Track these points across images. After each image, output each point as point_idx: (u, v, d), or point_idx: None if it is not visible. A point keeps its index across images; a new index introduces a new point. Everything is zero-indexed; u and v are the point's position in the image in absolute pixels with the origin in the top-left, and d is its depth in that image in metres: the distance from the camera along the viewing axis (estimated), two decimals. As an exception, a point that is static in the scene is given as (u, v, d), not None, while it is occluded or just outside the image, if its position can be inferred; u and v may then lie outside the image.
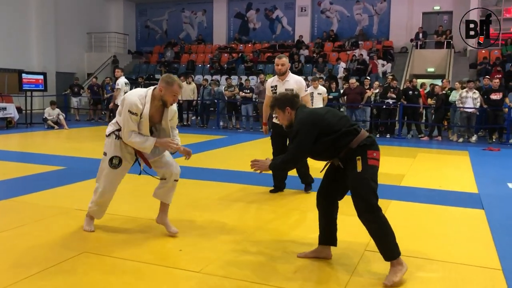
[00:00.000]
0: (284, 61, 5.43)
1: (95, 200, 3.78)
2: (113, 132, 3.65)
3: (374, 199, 2.96)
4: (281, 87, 5.35)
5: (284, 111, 3.25)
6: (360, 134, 3.04)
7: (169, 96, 3.50)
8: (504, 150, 10.01)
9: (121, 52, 22.76)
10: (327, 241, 3.35)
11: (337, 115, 3.16)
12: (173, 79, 3.52)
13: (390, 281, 2.90)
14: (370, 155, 2.99)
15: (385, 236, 2.98)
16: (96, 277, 3.00)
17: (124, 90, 10.33)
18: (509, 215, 4.75)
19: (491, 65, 16.17)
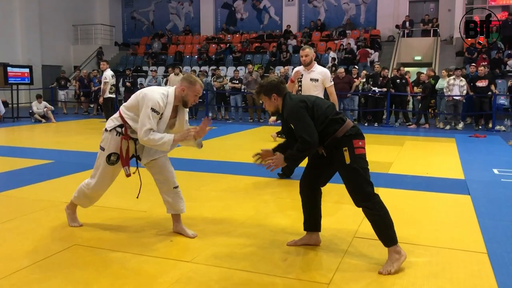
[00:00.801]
0: (307, 52, 5.55)
1: (85, 193, 3.68)
2: (115, 128, 3.50)
3: (368, 187, 2.99)
4: (306, 76, 5.57)
5: (270, 97, 3.22)
6: (346, 123, 3.06)
7: (191, 96, 3.40)
8: (490, 137, 10.14)
9: (108, 44, 22.53)
10: (312, 227, 3.39)
11: (325, 103, 3.18)
12: (195, 79, 3.43)
13: (385, 271, 2.92)
14: (356, 144, 3.00)
15: (384, 223, 3.00)
16: (87, 269, 3.01)
17: (111, 83, 10.23)
18: (494, 200, 4.83)
19: (477, 52, 16.28)
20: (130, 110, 3.45)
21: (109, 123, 3.56)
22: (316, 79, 5.55)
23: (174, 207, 3.61)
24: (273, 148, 3.36)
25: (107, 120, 3.62)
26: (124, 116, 3.45)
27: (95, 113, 15.48)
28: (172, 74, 13.71)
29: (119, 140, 3.48)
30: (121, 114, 3.48)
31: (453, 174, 6.11)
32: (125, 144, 3.48)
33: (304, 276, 2.91)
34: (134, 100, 3.42)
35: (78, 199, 3.75)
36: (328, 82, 5.59)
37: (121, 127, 3.48)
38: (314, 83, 5.54)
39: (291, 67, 16.20)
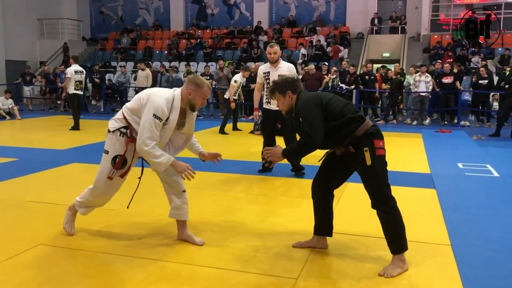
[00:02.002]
0: (276, 49, 5.60)
1: (89, 201, 3.41)
2: (119, 129, 3.25)
3: (387, 190, 2.91)
4: (274, 73, 5.51)
5: (285, 95, 3.08)
6: (366, 122, 2.93)
7: (198, 100, 3.20)
8: (455, 132, 10.42)
9: (75, 39, 21.99)
10: (324, 231, 3.27)
11: (342, 101, 3.04)
12: (202, 81, 3.23)
13: (387, 274, 2.86)
14: (376, 144, 2.90)
15: (397, 229, 2.93)
16: (52, 269, 2.94)
17: (74, 79, 10.00)
18: (458, 194, 4.97)
19: (443, 49, 16.69)
20: (134, 113, 3.22)
21: (112, 124, 3.30)
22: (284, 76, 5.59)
23: (179, 212, 3.38)
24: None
25: (110, 121, 3.34)
26: (129, 119, 3.23)
27: (62, 109, 15.12)
28: (139, 70, 13.50)
29: (123, 142, 3.24)
30: (124, 116, 3.25)
31: (420, 168, 6.25)
32: (132, 147, 3.24)
33: (274, 272, 2.92)
34: (137, 102, 3.19)
35: (79, 205, 3.46)
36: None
37: (126, 128, 3.25)
38: None
39: (262, 63, 16.21)
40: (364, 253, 3.26)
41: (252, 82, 13.57)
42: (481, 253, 3.27)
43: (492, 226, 3.87)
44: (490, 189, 5.22)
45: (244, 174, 5.77)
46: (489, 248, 3.35)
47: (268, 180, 5.44)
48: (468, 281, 2.82)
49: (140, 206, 4.17)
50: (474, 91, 11.91)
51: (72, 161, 6.46)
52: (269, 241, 3.45)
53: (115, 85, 15.53)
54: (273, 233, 3.63)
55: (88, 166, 6.06)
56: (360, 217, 4.04)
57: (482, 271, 2.97)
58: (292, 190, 5.10)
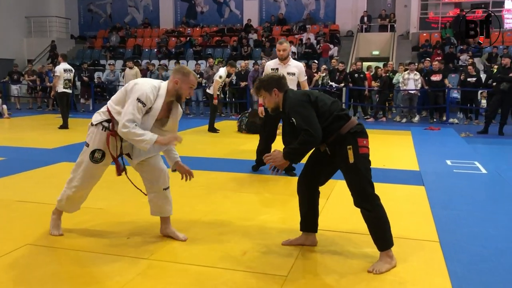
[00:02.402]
0: (285, 46, 5.52)
1: (68, 196, 3.35)
2: (101, 123, 3.23)
3: (369, 188, 2.93)
4: (282, 69, 5.44)
5: (271, 93, 3.07)
6: (351, 120, 2.95)
7: (185, 89, 3.19)
8: (444, 129, 10.50)
9: (63, 37, 21.80)
10: (309, 227, 3.28)
11: (329, 99, 3.06)
12: (189, 70, 3.23)
13: (376, 270, 2.87)
14: (360, 143, 2.91)
15: (381, 226, 2.94)
16: (41, 269, 2.91)
17: (63, 77, 9.92)
18: (446, 191, 5.01)
19: (432, 47, 16.80)
20: (117, 103, 3.20)
21: (95, 117, 3.28)
22: (293, 73, 5.52)
23: (162, 209, 3.40)
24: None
25: (94, 115, 3.31)
26: (112, 111, 3.20)
27: (51, 108, 14.99)
28: (127, 68, 13.41)
29: (105, 136, 3.21)
30: (108, 109, 3.24)
31: (409, 166, 6.29)
32: (113, 141, 3.21)
33: (263, 269, 2.92)
34: (122, 91, 3.20)
35: (60, 204, 3.41)
36: (302, 76, 5.62)
37: (108, 122, 3.23)
38: (291, 77, 5.45)
39: (252, 61, 16.23)
40: (353, 249, 3.27)
41: (243, 80, 13.58)
42: (469, 249, 3.30)
43: (480, 223, 3.90)
44: (478, 186, 5.27)
45: (233, 172, 5.77)
46: (477, 244, 3.38)
47: (257, 178, 5.44)
48: (455, 277, 2.84)
49: (128, 205, 4.16)
50: (462, 89, 12.01)
51: (61, 160, 6.40)
52: (258, 239, 3.45)
53: (104, 83, 15.42)
54: (262, 231, 3.63)
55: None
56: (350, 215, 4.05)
57: (469, 267, 3.00)
58: (281, 188, 5.11)
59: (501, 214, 4.25)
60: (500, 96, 9.59)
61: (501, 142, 8.82)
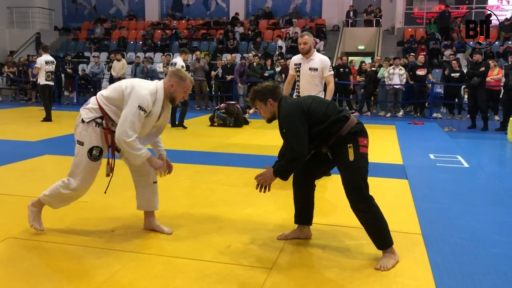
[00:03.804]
0: (306, 39, 5.17)
1: (62, 195, 3.23)
2: (94, 119, 3.14)
3: (365, 189, 2.91)
4: (305, 65, 5.22)
5: (266, 103, 3.04)
6: (350, 120, 2.93)
7: (180, 93, 3.19)
8: (427, 124, 10.62)
9: (47, 28, 21.46)
10: (304, 220, 3.29)
11: (324, 103, 3.05)
12: (186, 74, 3.22)
13: (382, 267, 2.86)
14: (361, 142, 2.91)
15: (378, 226, 2.94)
16: (24, 263, 2.89)
17: (45, 69, 9.79)
18: (429, 184, 5.09)
19: (417, 42, 16.94)
20: (111, 103, 3.13)
21: (86, 114, 3.16)
22: (315, 68, 5.17)
23: (149, 204, 3.40)
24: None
25: (84, 107, 3.21)
26: (105, 108, 3.13)
27: (34, 100, 14.79)
28: (115, 61, 13.31)
29: (99, 132, 3.14)
30: (100, 106, 3.14)
31: (393, 159, 6.36)
32: (109, 138, 3.16)
33: (248, 262, 2.94)
34: (118, 92, 3.11)
35: (49, 200, 3.30)
36: (327, 71, 5.21)
37: (101, 118, 3.14)
38: (313, 73, 5.19)
39: (238, 54, 16.18)
40: (340, 243, 3.30)
41: (228, 74, 13.54)
42: (450, 241, 3.36)
43: (461, 215, 3.97)
44: (460, 179, 5.36)
45: (219, 166, 5.77)
46: (458, 237, 3.45)
47: (244, 172, 5.44)
48: (437, 268, 2.90)
49: (113, 199, 4.13)
50: (446, 84, 12.14)
51: (44, 153, 6.33)
52: (244, 232, 3.46)
53: (88, 76, 15.24)
54: (249, 224, 3.65)
55: (60, 158, 5.97)
56: (342, 209, 4.10)
57: (451, 258, 3.06)
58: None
59: (482, 206, 4.34)
60: (471, 90, 9.83)
61: (484, 137, 8.96)
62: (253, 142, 7.67)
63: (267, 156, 6.40)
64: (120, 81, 3.23)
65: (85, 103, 3.27)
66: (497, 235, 3.50)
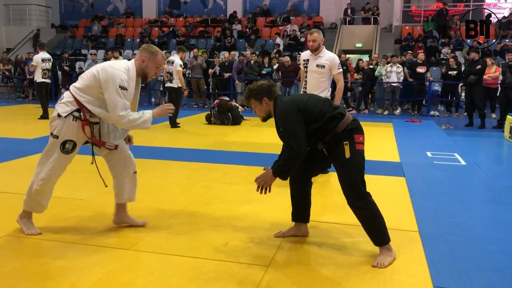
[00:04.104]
0: (315, 36, 5.15)
1: (36, 190, 3.19)
2: (71, 113, 3.09)
3: (362, 186, 2.91)
4: (312, 61, 5.23)
5: (261, 102, 3.04)
6: (346, 117, 2.93)
7: (152, 68, 3.15)
8: (425, 121, 10.63)
9: (44, 25, 21.37)
10: (301, 218, 3.29)
11: (319, 100, 3.04)
12: (156, 49, 3.16)
13: (379, 264, 2.87)
14: (357, 139, 2.91)
15: (376, 223, 2.94)
16: (20, 260, 2.88)
17: (41, 67, 9.76)
18: (426, 182, 5.09)
19: (414, 40, 16.94)
20: (85, 92, 3.08)
21: (62, 108, 3.12)
22: (322, 65, 5.16)
23: (131, 195, 3.40)
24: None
25: (59, 103, 3.18)
26: (81, 100, 3.09)
27: (31, 98, 14.75)
28: (112, 58, 13.28)
29: (76, 126, 3.11)
30: (75, 98, 3.10)
31: (390, 157, 6.36)
32: (88, 130, 3.14)
33: (245, 259, 2.94)
34: (90, 79, 3.07)
35: (29, 204, 3.25)
36: (335, 69, 5.21)
37: (78, 111, 3.10)
38: (320, 69, 5.18)
39: (236, 52, 16.15)
40: (337, 240, 3.30)
41: (226, 72, 13.52)
42: (447, 238, 3.37)
43: (458, 213, 3.98)
44: (457, 177, 5.36)
45: (216, 163, 5.77)
46: (454, 234, 3.45)
47: (242, 170, 5.44)
48: (434, 265, 2.90)
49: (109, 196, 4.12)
50: (444, 82, 12.15)
51: (41, 151, 6.29)
52: (241, 230, 3.46)
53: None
54: (246, 222, 3.65)
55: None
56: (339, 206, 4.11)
57: (447, 255, 3.06)
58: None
59: (479, 204, 4.35)
60: (468, 88, 9.86)
61: (481, 134, 8.98)
62: (250, 140, 7.67)
63: (264, 153, 6.41)
64: (90, 69, 3.20)
65: (59, 98, 3.23)
66: (494, 233, 3.51)
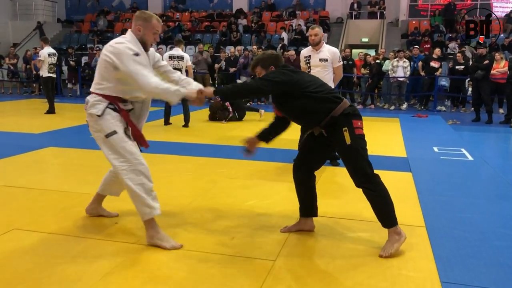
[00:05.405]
0: (317, 31, 5.32)
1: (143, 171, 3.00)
2: (107, 107, 2.96)
3: (368, 168, 2.92)
4: (315, 56, 5.33)
5: (267, 70, 3.07)
6: (343, 102, 2.96)
7: (149, 35, 3.03)
8: (431, 116, 10.57)
9: (50, 20, 21.42)
10: (308, 212, 3.29)
11: (318, 83, 3.07)
12: (150, 14, 3.04)
13: (386, 252, 2.89)
14: (355, 124, 2.93)
15: (384, 204, 2.96)
16: (27, 254, 2.90)
17: (48, 61, 9.79)
18: (433, 177, 5.07)
19: (421, 35, 16.83)
20: (106, 80, 2.95)
21: (96, 109, 2.95)
22: (325, 59, 5.32)
23: (118, 190, 3.41)
24: (257, 134, 3.29)
25: (88, 107, 3.00)
26: (106, 92, 2.96)
27: (37, 93, 14.80)
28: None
29: (118, 116, 2.98)
30: (101, 94, 2.97)
31: (396, 152, 6.34)
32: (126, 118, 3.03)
33: (252, 254, 2.94)
34: (103, 66, 2.94)
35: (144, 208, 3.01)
36: (336, 62, 5.39)
37: (112, 104, 2.98)
38: (323, 63, 5.32)
39: (242, 47, 16.12)
40: (343, 235, 3.30)
41: (232, 66, 13.51)
42: (454, 234, 3.35)
43: (465, 208, 3.96)
44: (464, 172, 5.33)
45: (221, 158, 5.77)
46: (461, 229, 3.44)
47: (247, 164, 5.44)
48: (440, 260, 2.89)
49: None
50: (451, 77, 12.07)
51: (48, 145, 6.34)
52: (246, 224, 3.46)
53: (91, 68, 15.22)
54: (251, 216, 3.65)
55: (64, 150, 5.97)
56: (346, 201, 4.09)
57: (454, 251, 3.05)
58: (271, 173, 5.11)
59: (486, 199, 4.32)
60: (476, 83, 9.78)
61: (488, 129, 8.92)
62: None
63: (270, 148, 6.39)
64: (98, 58, 3.11)
65: (86, 105, 3.04)
66: (501, 228, 3.49)
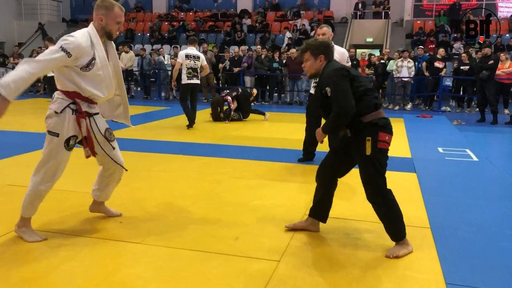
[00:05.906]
0: (325, 30, 5.28)
1: (40, 194, 3.02)
2: (68, 106, 2.93)
3: (382, 183, 2.89)
4: None
5: (316, 58, 3.00)
6: (378, 111, 2.89)
7: (112, 25, 2.95)
8: (436, 117, 10.53)
9: (55, 20, 21.49)
10: (318, 215, 3.27)
11: (366, 83, 3.01)
12: (112, 2, 2.94)
13: (393, 254, 2.90)
14: (381, 137, 2.85)
15: (394, 219, 2.94)
16: (31, 254, 2.90)
17: None
18: (438, 178, 5.04)
19: (426, 35, 16.77)
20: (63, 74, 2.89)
21: (56, 105, 2.94)
22: None
23: (108, 195, 3.42)
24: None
25: (52, 105, 3.00)
26: (69, 87, 2.90)
27: (42, 92, 14.85)
28: (123, 52, 13.33)
29: (73, 120, 2.95)
30: (64, 91, 2.94)
31: (401, 153, 6.30)
32: (83, 123, 2.98)
33: (256, 254, 2.93)
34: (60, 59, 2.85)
35: (28, 209, 3.06)
36: (345, 62, 5.32)
37: (74, 103, 2.94)
38: None
39: (246, 47, 16.11)
40: (348, 236, 3.28)
41: (236, 66, 13.49)
42: (459, 234, 3.33)
43: (470, 209, 3.94)
44: (469, 173, 5.30)
45: (225, 158, 5.76)
46: (466, 230, 3.41)
47: (251, 164, 5.43)
48: (445, 261, 2.87)
49: (119, 190, 4.13)
50: (456, 77, 12.01)
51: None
52: (251, 224, 3.45)
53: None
54: (255, 217, 3.64)
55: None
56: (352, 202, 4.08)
57: (459, 252, 3.03)
58: (275, 173, 5.10)
59: (491, 200, 4.30)
60: (480, 84, 9.76)
61: (493, 130, 8.88)
62: (260, 134, 7.65)
63: (275, 148, 6.39)
64: None
65: (52, 100, 3.04)
66: (507, 229, 3.46)
